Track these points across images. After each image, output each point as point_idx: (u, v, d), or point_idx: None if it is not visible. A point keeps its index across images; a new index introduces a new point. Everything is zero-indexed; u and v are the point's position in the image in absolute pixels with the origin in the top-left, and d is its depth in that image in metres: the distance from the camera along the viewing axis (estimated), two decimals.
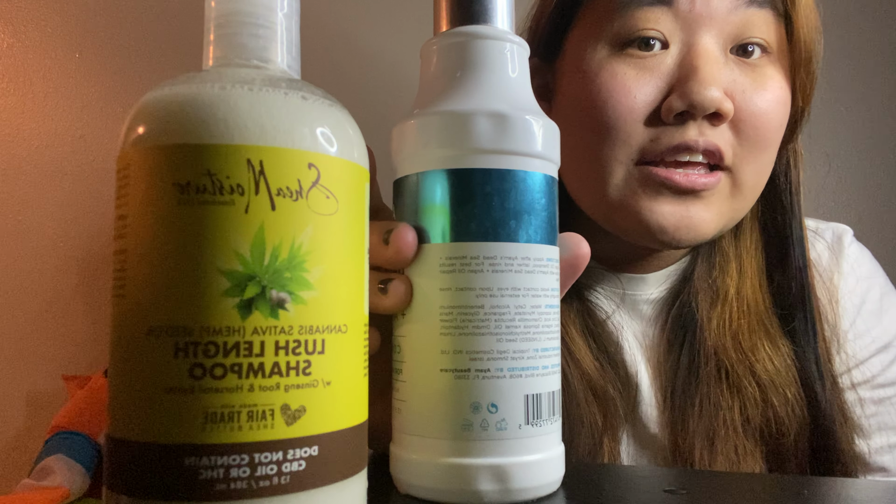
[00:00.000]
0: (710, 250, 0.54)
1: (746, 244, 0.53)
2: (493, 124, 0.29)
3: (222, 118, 0.21)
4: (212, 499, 0.20)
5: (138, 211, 0.21)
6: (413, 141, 0.31)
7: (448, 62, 0.31)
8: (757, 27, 0.45)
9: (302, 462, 0.21)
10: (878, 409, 0.53)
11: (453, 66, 0.31)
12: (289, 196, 0.21)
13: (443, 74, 0.31)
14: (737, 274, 0.52)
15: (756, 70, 0.46)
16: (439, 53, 0.32)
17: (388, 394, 0.33)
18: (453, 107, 0.30)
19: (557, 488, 0.31)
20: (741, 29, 0.45)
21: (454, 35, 0.31)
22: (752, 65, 0.46)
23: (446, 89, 0.31)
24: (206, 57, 0.24)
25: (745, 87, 0.45)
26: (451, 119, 0.29)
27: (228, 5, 0.24)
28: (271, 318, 0.21)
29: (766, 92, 0.46)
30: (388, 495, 0.31)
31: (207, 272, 0.21)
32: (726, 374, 0.49)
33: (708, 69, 0.44)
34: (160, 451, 0.20)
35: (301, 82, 0.24)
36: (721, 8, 0.45)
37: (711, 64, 0.44)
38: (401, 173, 0.32)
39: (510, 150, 0.29)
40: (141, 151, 0.22)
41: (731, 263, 0.52)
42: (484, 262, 0.29)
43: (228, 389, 0.20)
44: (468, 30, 0.31)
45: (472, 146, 0.29)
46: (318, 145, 0.22)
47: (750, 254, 0.53)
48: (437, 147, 0.30)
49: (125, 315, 0.21)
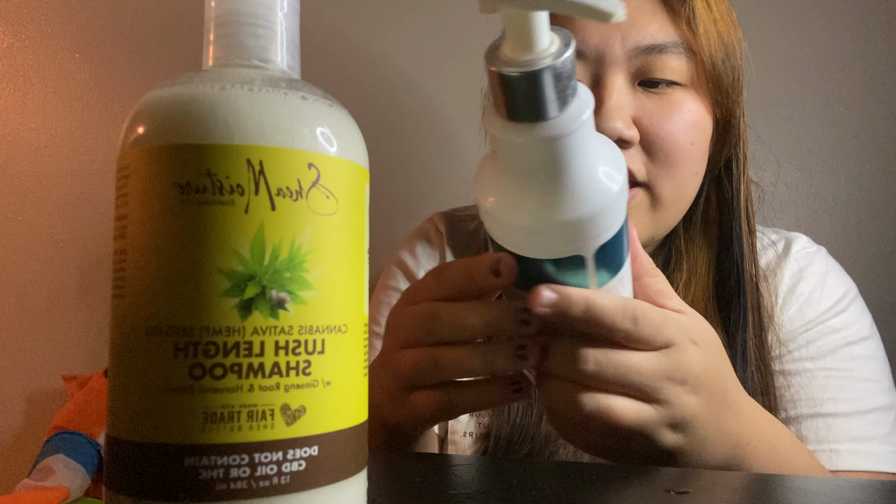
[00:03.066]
0: (668, 250, 0.61)
1: (698, 243, 0.60)
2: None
3: (222, 118, 0.21)
4: (212, 499, 0.20)
5: (138, 211, 0.21)
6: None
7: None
8: (658, 69, 0.52)
9: (302, 462, 0.21)
10: (791, 380, 0.58)
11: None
12: (289, 196, 0.21)
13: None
14: (687, 269, 0.59)
15: (664, 97, 0.53)
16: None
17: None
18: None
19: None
20: (644, 70, 0.52)
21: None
22: (659, 93, 0.53)
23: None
24: (205, 57, 0.24)
25: (652, 113, 0.53)
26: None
27: (228, 5, 0.24)
28: (271, 318, 0.21)
29: (673, 116, 0.53)
30: (389, 495, 0.31)
31: (207, 272, 0.21)
32: None
33: (611, 103, 0.51)
34: (160, 451, 0.20)
35: (301, 82, 0.24)
36: (621, 54, 0.52)
37: (615, 98, 0.51)
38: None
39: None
40: (141, 151, 0.22)
41: (683, 260, 0.59)
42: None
43: (228, 389, 0.20)
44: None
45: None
46: (318, 145, 0.22)
47: (702, 250, 0.60)
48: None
49: (125, 315, 0.21)
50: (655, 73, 0.52)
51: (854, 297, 0.63)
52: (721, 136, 0.57)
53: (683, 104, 0.53)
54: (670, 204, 0.55)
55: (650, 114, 0.52)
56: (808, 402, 0.57)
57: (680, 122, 0.53)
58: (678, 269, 0.59)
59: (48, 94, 1.05)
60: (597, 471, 0.37)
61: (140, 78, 1.04)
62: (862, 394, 0.57)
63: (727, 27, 0.54)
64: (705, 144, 0.56)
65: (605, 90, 0.52)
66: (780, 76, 0.92)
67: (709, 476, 0.37)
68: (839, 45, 0.92)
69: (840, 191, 0.92)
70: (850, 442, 0.55)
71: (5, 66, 1.05)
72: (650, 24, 0.52)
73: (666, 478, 0.35)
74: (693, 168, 0.55)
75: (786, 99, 0.92)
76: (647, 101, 0.53)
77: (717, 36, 0.53)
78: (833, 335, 0.59)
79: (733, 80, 0.54)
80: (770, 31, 0.91)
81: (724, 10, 0.55)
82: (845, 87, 0.92)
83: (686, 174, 0.54)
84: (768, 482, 0.36)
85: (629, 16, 0.52)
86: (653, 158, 0.53)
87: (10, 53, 1.05)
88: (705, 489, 0.34)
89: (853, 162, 0.92)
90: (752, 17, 0.60)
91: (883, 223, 0.91)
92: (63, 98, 1.05)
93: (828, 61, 0.92)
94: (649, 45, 0.52)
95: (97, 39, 1.04)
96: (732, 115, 0.56)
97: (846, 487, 0.34)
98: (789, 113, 0.93)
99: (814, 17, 0.92)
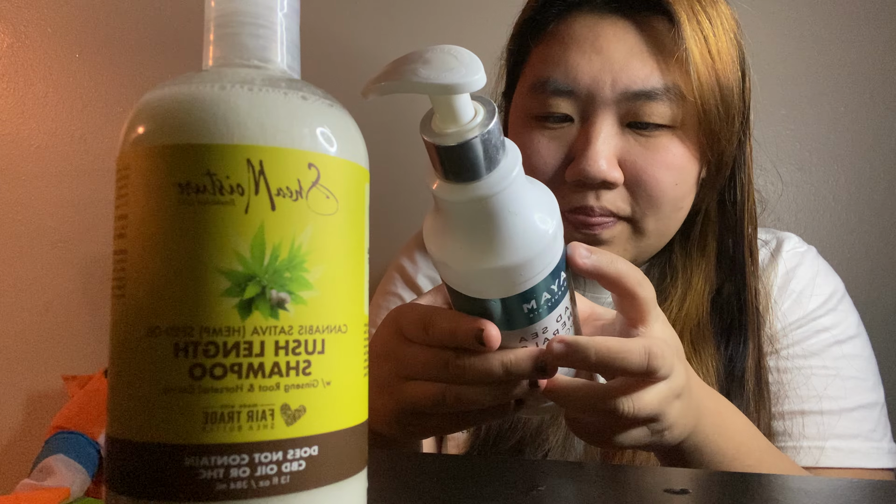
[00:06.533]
0: (664, 265, 0.62)
1: (697, 261, 0.61)
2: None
3: (222, 118, 0.21)
4: (212, 499, 0.20)
5: (138, 211, 0.21)
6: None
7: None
8: (646, 115, 0.53)
9: (302, 462, 0.21)
10: (778, 377, 0.59)
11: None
12: (289, 196, 0.21)
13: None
14: (682, 285, 0.60)
15: (650, 140, 0.54)
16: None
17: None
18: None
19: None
20: (632, 114, 0.53)
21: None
22: (647, 135, 0.54)
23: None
24: (205, 57, 0.24)
25: (636, 155, 0.53)
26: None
27: (228, 5, 0.24)
28: (271, 318, 0.21)
29: (657, 159, 0.53)
30: (389, 495, 0.31)
31: (207, 272, 0.21)
32: None
33: (597, 146, 0.52)
34: (160, 451, 0.20)
35: (301, 82, 0.24)
36: (611, 96, 0.53)
37: (602, 140, 0.52)
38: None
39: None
40: (141, 151, 0.22)
41: (679, 276, 0.60)
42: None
43: (228, 389, 0.20)
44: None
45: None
46: (318, 145, 0.22)
47: (700, 268, 0.60)
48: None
49: (125, 315, 0.21)
50: (643, 118, 0.53)
51: (842, 296, 0.63)
52: (714, 169, 0.57)
53: (669, 148, 0.54)
54: (653, 234, 0.56)
55: (635, 156, 0.53)
56: (794, 399, 0.58)
57: (663, 166, 0.53)
58: (673, 285, 0.60)
59: (48, 94, 1.05)
60: (597, 470, 0.37)
61: (140, 78, 1.04)
62: (847, 392, 0.58)
63: (726, 67, 0.53)
64: (690, 183, 0.56)
65: (592, 130, 0.53)
66: (780, 76, 0.92)
67: (708, 476, 0.37)
68: (839, 45, 0.92)
69: (840, 191, 0.92)
70: (835, 439, 0.56)
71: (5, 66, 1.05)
72: (641, 70, 0.52)
73: (665, 478, 0.35)
74: (676, 204, 0.56)
75: (785, 99, 0.92)
76: (633, 143, 0.53)
77: (711, 80, 0.52)
78: (822, 334, 0.60)
79: (727, 121, 0.54)
80: (770, 32, 0.91)
81: (724, 49, 0.53)
82: (845, 88, 0.92)
83: (669, 210, 0.56)
84: (767, 482, 0.36)
85: (622, 58, 0.52)
86: (636, 198, 0.54)
87: (10, 53, 1.05)
88: (705, 489, 0.34)
89: (853, 162, 0.92)
90: (753, 17, 0.60)
91: (883, 223, 0.91)
92: (63, 98, 1.05)
93: (828, 61, 0.92)
94: (639, 90, 0.52)
95: (97, 39, 1.04)
96: (724, 154, 0.56)
97: (844, 488, 0.34)
98: (789, 113, 0.93)
99: (814, 17, 0.92)
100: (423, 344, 0.36)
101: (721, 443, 0.42)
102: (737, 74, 0.55)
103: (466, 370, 0.35)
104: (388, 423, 0.39)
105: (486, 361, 0.34)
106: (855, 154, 0.92)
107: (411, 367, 0.37)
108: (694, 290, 0.59)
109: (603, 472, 0.38)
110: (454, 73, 0.26)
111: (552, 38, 0.56)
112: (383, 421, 0.40)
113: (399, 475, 0.37)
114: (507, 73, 0.63)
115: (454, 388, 0.35)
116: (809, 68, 0.92)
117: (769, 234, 0.67)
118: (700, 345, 0.57)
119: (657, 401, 0.36)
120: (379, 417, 0.39)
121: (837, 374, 0.58)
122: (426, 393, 0.36)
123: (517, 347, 0.35)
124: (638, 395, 0.35)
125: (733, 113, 0.55)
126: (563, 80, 0.54)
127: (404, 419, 0.39)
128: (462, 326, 0.34)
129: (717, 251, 0.61)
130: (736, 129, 0.56)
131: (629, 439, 0.37)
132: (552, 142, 0.55)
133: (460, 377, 0.35)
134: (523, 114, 0.57)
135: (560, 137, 0.55)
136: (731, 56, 0.54)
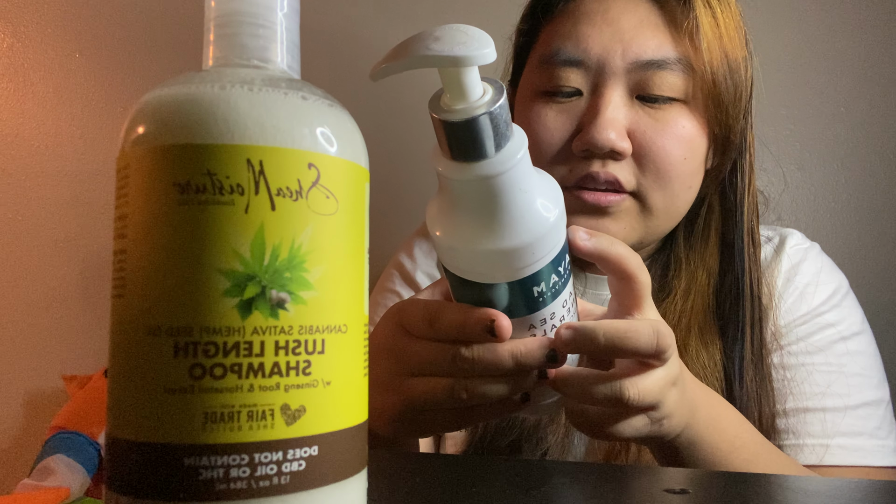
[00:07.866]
0: (667, 257, 0.62)
1: (699, 251, 0.61)
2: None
3: (222, 118, 0.21)
4: (212, 499, 0.20)
5: (138, 211, 0.21)
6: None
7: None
8: (656, 85, 0.53)
9: (302, 462, 0.21)
10: (783, 374, 0.59)
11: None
12: (289, 196, 0.21)
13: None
14: (686, 277, 0.59)
15: (660, 112, 0.54)
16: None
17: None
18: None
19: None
20: (642, 85, 0.53)
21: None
22: (656, 108, 0.54)
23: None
24: (205, 57, 0.24)
25: (646, 127, 0.53)
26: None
27: (228, 5, 0.24)
28: (271, 318, 0.21)
29: (667, 131, 0.53)
30: (389, 495, 0.31)
31: (207, 272, 0.21)
32: None
33: (607, 115, 0.52)
34: (160, 451, 0.20)
35: (301, 82, 0.24)
36: (621, 66, 0.53)
37: (611, 110, 0.52)
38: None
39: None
40: (141, 151, 0.22)
41: (682, 269, 0.60)
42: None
43: (228, 389, 0.20)
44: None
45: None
46: (318, 145, 0.22)
47: (704, 260, 0.60)
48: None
49: (125, 315, 0.21)
50: (653, 89, 0.53)
51: (846, 291, 0.63)
52: (720, 150, 0.58)
53: (678, 120, 0.54)
54: (661, 213, 0.56)
55: (644, 128, 0.53)
56: (798, 396, 0.58)
57: (673, 138, 0.53)
58: (677, 277, 0.60)
59: (48, 94, 1.05)
60: (597, 470, 0.37)
61: (140, 78, 1.04)
62: (852, 389, 0.57)
63: (733, 43, 0.54)
64: (699, 159, 0.56)
65: (602, 101, 0.53)
66: (781, 76, 0.92)
67: (708, 476, 0.37)
68: (839, 45, 0.92)
69: (840, 191, 0.92)
70: (839, 437, 0.56)
71: (5, 66, 1.05)
72: (651, 39, 0.53)
73: (665, 478, 0.35)
74: (685, 182, 0.56)
75: (786, 99, 0.92)
76: (643, 114, 0.53)
77: (720, 52, 0.53)
78: (827, 330, 0.60)
79: (735, 97, 0.54)
80: (770, 31, 0.91)
81: (732, 26, 0.54)
82: (845, 88, 0.92)
83: (678, 188, 0.55)
84: (767, 482, 0.36)
85: (632, 28, 0.53)
86: (644, 171, 0.54)
87: (10, 53, 1.05)
88: (705, 489, 0.34)
89: (853, 162, 0.92)
90: (752, 17, 0.60)
91: (883, 223, 0.91)
92: (63, 98, 1.05)
93: (828, 61, 0.92)
94: (649, 60, 0.52)
95: (97, 39, 1.04)
96: (732, 131, 0.56)
97: (845, 487, 0.34)
98: (789, 113, 0.93)
99: (814, 16, 0.92)
100: (427, 339, 0.36)
101: (716, 436, 0.42)
102: (743, 52, 0.56)
103: (475, 363, 0.34)
104: (390, 421, 0.39)
105: (496, 353, 0.34)
106: (855, 154, 0.92)
107: (416, 363, 0.37)
108: (698, 283, 0.59)
109: (603, 472, 0.38)
110: (465, 46, 0.27)
111: (562, 15, 0.56)
112: (385, 419, 0.39)
113: (399, 475, 0.37)
114: (514, 56, 0.63)
115: (462, 383, 0.35)
116: (810, 68, 0.92)
117: (772, 230, 0.67)
118: (708, 337, 0.57)
119: (658, 387, 0.36)
120: (380, 416, 0.39)
121: (842, 371, 0.58)
122: (433, 388, 0.36)
123: (525, 337, 0.35)
124: (640, 380, 0.36)
125: (741, 89, 0.55)
126: (573, 51, 0.54)
127: (408, 416, 0.38)
128: (471, 318, 0.34)
129: (720, 242, 0.61)
130: (743, 107, 0.56)
131: (629, 428, 0.37)
132: (560, 115, 0.55)
133: (469, 370, 0.35)
134: (531, 90, 0.57)
135: (569, 111, 0.55)
136: (739, 34, 0.55)
